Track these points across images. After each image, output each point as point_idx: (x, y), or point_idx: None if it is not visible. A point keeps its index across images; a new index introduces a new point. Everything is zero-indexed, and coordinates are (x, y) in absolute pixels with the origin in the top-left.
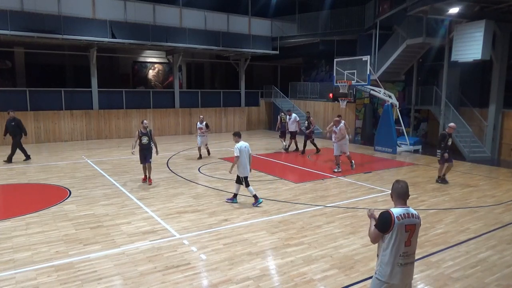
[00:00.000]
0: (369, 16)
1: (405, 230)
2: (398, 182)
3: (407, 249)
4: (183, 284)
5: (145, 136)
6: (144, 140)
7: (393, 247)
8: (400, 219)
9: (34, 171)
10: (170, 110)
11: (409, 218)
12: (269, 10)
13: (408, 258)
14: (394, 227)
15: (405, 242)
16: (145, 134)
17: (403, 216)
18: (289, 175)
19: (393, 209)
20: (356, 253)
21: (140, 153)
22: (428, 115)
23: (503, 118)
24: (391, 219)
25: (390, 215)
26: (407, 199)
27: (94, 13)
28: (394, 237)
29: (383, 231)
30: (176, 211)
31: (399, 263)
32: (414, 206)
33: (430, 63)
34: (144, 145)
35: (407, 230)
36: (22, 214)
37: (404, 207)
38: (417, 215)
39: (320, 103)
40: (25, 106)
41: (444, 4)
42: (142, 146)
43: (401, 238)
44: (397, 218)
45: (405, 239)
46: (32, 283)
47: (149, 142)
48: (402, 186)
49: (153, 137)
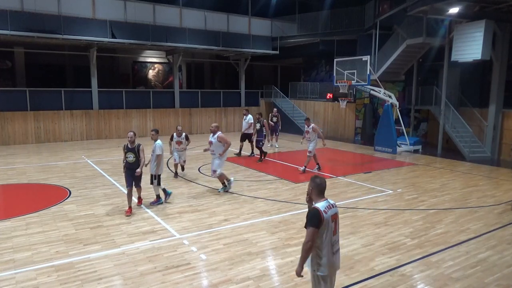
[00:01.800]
0: (369, 16)
1: (331, 220)
2: (317, 177)
3: (335, 238)
4: (183, 284)
5: (131, 153)
6: (129, 158)
7: (326, 239)
8: (327, 211)
9: (34, 171)
10: (170, 110)
11: (332, 209)
12: (269, 10)
13: (336, 246)
14: (325, 220)
15: (333, 231)
16: (131, 150)
17: (328, 208)
18: (289, 175)
19: (318, 204)
20: (356, 253)
21: (125, 174)
22: (428, 115)
23: (503, 118)
24: (320, 213)
25: (318, 210)
26: (324, 193)
27: (94, 13)
28: (325, 230)
29: (318, 226)
30: (176, 211)
31: (332, 252)
32: (414, 206)
33: (430, 63)
34: (131, 164)
35: (332, 220)
36: (22, 214)
37: (325, 199)
38: (335, 204)
39: (320, 103)
40: (25, 106)
41: (444, 4)
42: (128, 165)
43: (331, 229)
44: (324, 212)
45: (333, 229)
46: (32, 283)
47: (136, 161)
48: (321, 182)
49: (141, 154)
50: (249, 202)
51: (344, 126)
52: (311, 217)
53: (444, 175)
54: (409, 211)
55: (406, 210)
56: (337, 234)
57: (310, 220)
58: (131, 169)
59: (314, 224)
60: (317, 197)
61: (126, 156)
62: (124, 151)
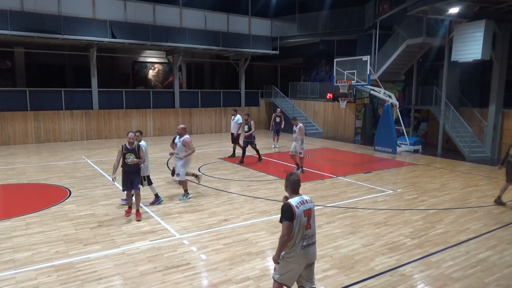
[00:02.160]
0: (369, 16)
1: (303, 215)
2: (291, 174)
3: (308, 232)
4: (183, 284)
5: (131, 154)
6: (129, 159)
7: (298, 233)
8: (299, 206)
9: (34, 171)
10: (170, 110)
11: (305, 204)
12: (269, 10)
13: (310, 239)
14: (297, 215)
15: (306, 226)
16: (131, 151)
17: (300, 203)
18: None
19: (291, 200)
20: (356, 253)
21: (124, 177)
22: (428, 115)
23: (503, 118)
24: (291, 208)
25: (290, 205)
26: (299, 189)
27: (94, 13)
28: (297, 224)
29: (291, 220)
30: (176, 211)
31: (303, 245)
32: (414, 206)
33: (430, 63)
34: (130, 167)
35: (305, 215)
36: (22, 214)
37: (298, 195)
38: (310, 200)
39: (320, 103)
40: (25, 106)
41: (444, 4)
42: (126, 168)
43: (303, 223)
44: (296, 207)
45: (305, 223)
46: (32, 283)
47: (137, 163)
48: (295, 179)
49: (141, 154)
50: (249, 202)
51: (344, 126)
52: (284, 212)
53: (444, 175)
54: (409, 211)
55: (406, 210)
56: (312, 228)
57: (283, 215)
58: (130, 172)
59: (288, 218)
60: (291, 193)
61: (125, 157)
62: (123, 153)
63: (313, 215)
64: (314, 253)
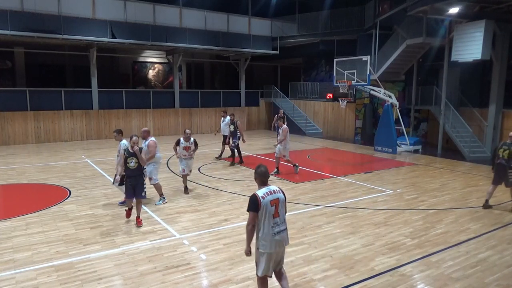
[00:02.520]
0: (369, 16)
1: (270, 205)
2: (259, 167)
3: (276, 220)
4: (183, 284)
5: (133, 158)
6: (131, 163)
7: (266, 221)
8: (265, 197)
9: (34, 171)
10: (170, 110)
11: (272, 195)
12: (269, 10)
13: (279, 227)
14: (262, 205)
15: (273, 214)
16: (133, 154)
17: (267, 194)
18: (289, 175)
19: (258, 191)
20: (356, 253)
21: (126, 183)
22: (428, 115)
23: (503, 118)
24: (257, 199)
25: (256, 196)
26: (267, 180)
27: (94, 13)
28: (264, 213)
29: (256, 210)
30: (176, 211)
31: (273, 233)
32: (414, 206)
33: (430, 63)
34: (132, 171)
35: (272, 205)
36: (22, 214)
37: (266, 186)
38: (279, 190)
39: (320, 103)
40: (25, 106)
41: (444, 4)
42: (128, 173)
43: (270, 212)
44: (262, 197)
45: (273, 212)
46: (32, 283)
47: (139, 167)
48: (263, 171)
49: (142, 155)
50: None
51: (344, 126)
52: (250, 202)
53: (444, 175)
54: (409, 211)
55: (406, 210)
56: (280, 217)
57: (249, 206)
58: (133, 176)
59: (252, 208)
60: (259, 184)
61: (127, 162)
62: (125, 156)
63: (281, 204)
64: (285, 238)
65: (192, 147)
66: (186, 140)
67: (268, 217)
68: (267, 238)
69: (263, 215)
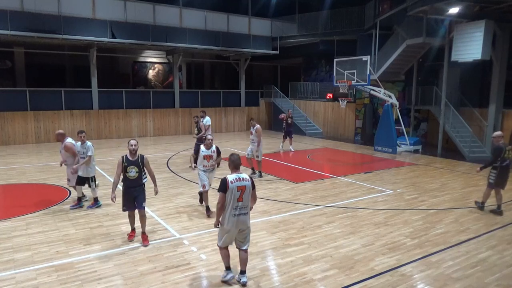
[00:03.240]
0: (369, 16)
1: (236, 190)
2: (233, 155)
3: (239, 204)
4: (183, 284)
5: (133, 167)
6: (131, 173)
7: (230, 203)
8: (233, 182)
9: (34, 171)
10: (170, 110)
11: (240, 181)
12: (269, 10)
13: (241, 210)
14: (230, 188)
15: (238, 198)
16: (133, 163)
17: (235, 180)
18: (289, 175)
19: (228, 176)
20: (356, 253)
21: (125, 194)
22: (428, 115)
23: (503, 118)
24: (226, 182)
25: (226, 180)
26: (239, 167)
27: (94, 13)
28: (230, 195)
29: (224, 191)
30: (176, 211)
31: (233, 214)
32: (414, 206)
33: (430, 63)
34: (132, 182)
35: (238, 190)
36: (22, 214)
37: (236, 173)
38: (248, 179)
39: (320, 103)
40: (25, 106)
41: (444, 4)
42: (128, 183)
43: (235, 196)
44: (231, 182)
45: (238, 197)
46: (32, 283)
47: (140, 176)
48: (236, 158)
49: (148, 167)
50: None
51: (344, 126)
52: (220, 184)
53: (444, 175)
54: (409, 211)
55: (406, 210)
56: (244, 201)
57: (219, 187)
58: (133, 187)
59: (221, 189)
60: (232, 170)
61: (126, 171)
62: (123, 165)
63: (247, 191)
64: (245, 221)
65: (214, 156)
66: (207, 147)
67: (233, 200)
68: (228, 217)
69: (229, 197)
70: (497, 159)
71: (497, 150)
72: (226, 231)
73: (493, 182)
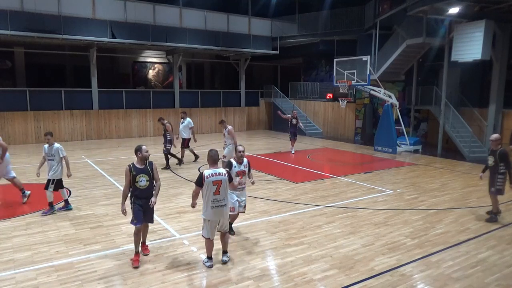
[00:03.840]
0: (369, 16)
1: (212, 184)
2: (211, 150)
3: (216, 197)
4: (183, 284)
5: (143, 175)
6: (142, 182)
7: (207, 196)
8: (209, 177)
9: (34, 171)
10: (170, 110)
11: (216, 176)
12: (269, 10)
13: (218, 203)
14: (205, 182)
15: (214, 192)
16: (143, 171)
17: (211, 175)
18: (289, 175)
19: (205, 171)
20: (356, 253)
21: (135, 206)
22: (428, 115)
23: (503, 118)
24: (202, 177)
25: (202, 174)
26: (217, 162)
27: (94, 13)
28: (206, 189)
29: (200, 185)
30: (176, 211)
31: (211, 206)
32: (414, 206)
33: (430, 63)
34: (142, 192)
35: (214, 184)
36: (22, 214)
37: (213, 168)
38: (223, 174)
39: (320, 103)
40: (25, 106)
41: (444, 4)
42: (138, 193)
43: (211, 190)
44: (207, 177)
45: (214, 190)
46: (32, 283)
47: (151, 185)
48: (214, 153)
49: (156, 174)
50: (249, 202)
51: (344, 126)
52: (197, 178)
53: (444, 175)
54: (409, 211)
55: (406, 210)
56: (220, 195)
57: (196, 180)
58: (144, 198)
59: (198, 184)
60: (210, 165)
61: (135, 180)
62: (131, 174)
63: (223, 185)
64: (223, 212)
65: (246, 171)
66: (239, 161)
67: (209, 193)
68: (207, 209)
69: (205, 190)
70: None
71: (505, 155)
72: (207, 222)
73: (501, 188)
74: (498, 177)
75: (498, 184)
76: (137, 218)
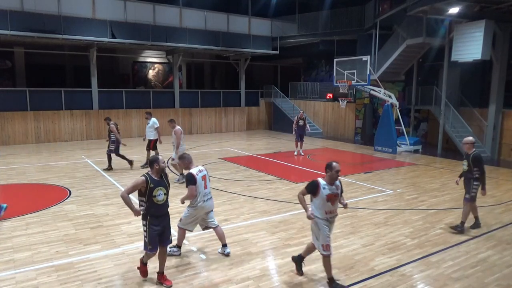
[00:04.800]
0: (369, 16)
1: (201, 179)
2: (184, 153)
3: (206, 191)
4: (183, 284)
5: (161, 188)
6: (159, 197)
7: (200, 192)
8: (198, 174)
9: (34, 171)
10: (170, 110)
11: (201, 172)
12: (269, 10)
13: (207, 196)
14: (197, 179)
15: (204, 186)
16: (161, 183)
17: (198, 172)
18: (289, 175)
19: (192, 170)
20: (356, 253)
21: (151, 229)
22: (428, 115)
23: (503, 118)
24: (194, 176)
25: (192, 174)
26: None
27: (94, 13)
28: (198, 186)
29: (194, 184)
30: (176, 211)
31: (203, 200)
32: (414, 206)
33: (430, 63)
34: (160, 207)
35: (202, 179)
36: (22, 214)
37: (195, 166)
38: (204, 169)
39: (320, 103)
40: (25, 106)
41: (444, 4)
42: (155, 210)
43: (201, 185)
44: (196, 174)
45: (203, 185)
46: (32, 283)
47: (167, 199)
48: (188, 155)
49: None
50: (249, 202)
51: (344, 126)
52: (188, 179)
53: (444, 175)
54: (409, 211)
55: (406, 210)
56: (207, 189)
57: (189, 182)
58: (161, 216)
59: (192, 183)
60: (191, 165)
61: (153, 195)
62: (148, 186)
63: (207, 179)
64: (210, 205)
65: (339, 194)
66: (331, 182)
67: (201, 188)
68: (198, 204)
69: (198, 188)
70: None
71: (479, 159)
72: (194, 215)
73: (475, 195)
74: (473, 183)
75: (474, 190)
76: (152, 243)
